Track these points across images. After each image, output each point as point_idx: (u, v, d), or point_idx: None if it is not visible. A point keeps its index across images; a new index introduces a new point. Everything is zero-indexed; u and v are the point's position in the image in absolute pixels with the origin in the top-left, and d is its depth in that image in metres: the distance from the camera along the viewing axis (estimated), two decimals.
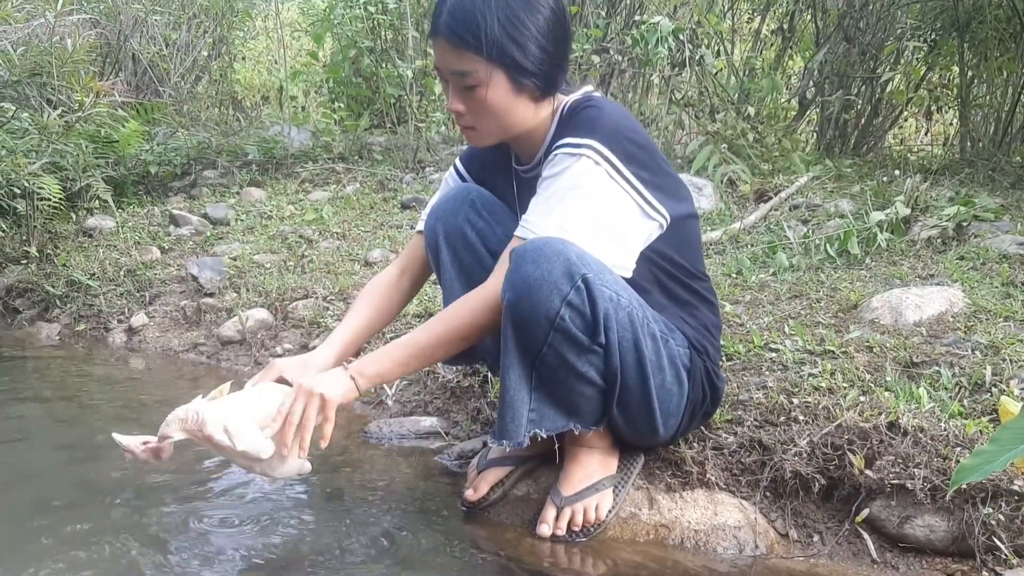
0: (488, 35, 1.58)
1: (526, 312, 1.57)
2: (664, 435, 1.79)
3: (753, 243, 3.44)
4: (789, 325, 2.43)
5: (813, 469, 1.80)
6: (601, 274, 1.59)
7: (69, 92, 4.56)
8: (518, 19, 1.60)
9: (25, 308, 3.94)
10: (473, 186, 1.95)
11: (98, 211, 4.59)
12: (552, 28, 1.65)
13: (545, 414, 1.68)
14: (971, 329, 2.26)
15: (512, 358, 1.63)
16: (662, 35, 4.04)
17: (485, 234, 1.88)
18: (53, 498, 1.93)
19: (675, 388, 1.73)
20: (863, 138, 5.82)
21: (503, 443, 1.67)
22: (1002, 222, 3.24)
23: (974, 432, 1.74)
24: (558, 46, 1.68)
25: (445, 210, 1.90)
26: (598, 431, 1.78)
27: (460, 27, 1.60)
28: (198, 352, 3.31)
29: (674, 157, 4.65)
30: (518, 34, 1.60)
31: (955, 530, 1.65)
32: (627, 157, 1.66)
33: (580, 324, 1.58)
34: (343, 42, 5.98)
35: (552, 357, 1.61)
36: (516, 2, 1.60)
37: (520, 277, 1.56)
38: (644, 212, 1.69)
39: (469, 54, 1.61)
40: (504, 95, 1.66)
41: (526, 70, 1.64)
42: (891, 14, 5.59)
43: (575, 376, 1.64)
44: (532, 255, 1.56)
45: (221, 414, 1.57)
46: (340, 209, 4.57)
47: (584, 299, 1.56)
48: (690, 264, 1.82)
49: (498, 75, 1.63)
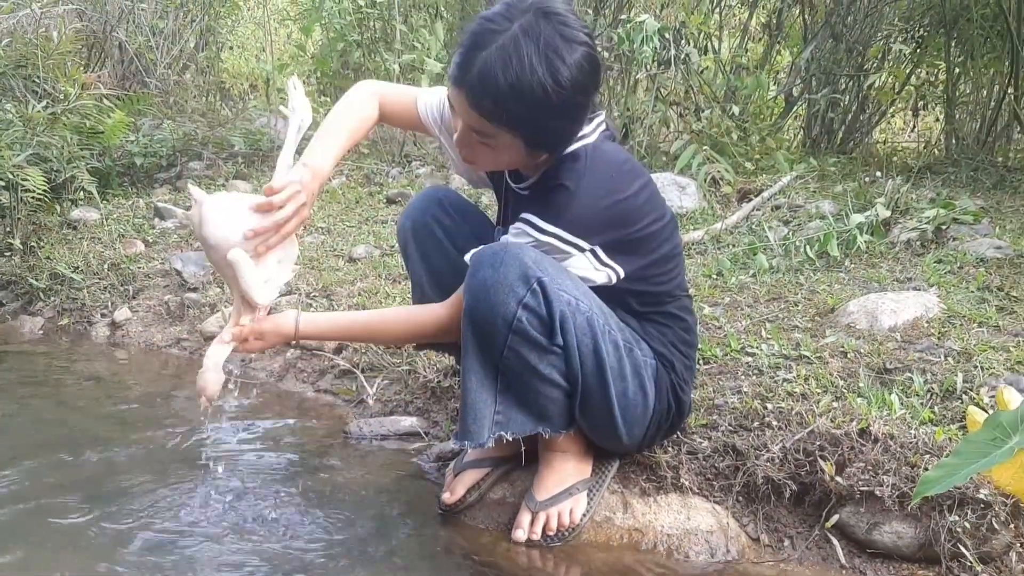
0: (511, 113, 1.53)
1: (484, 314, 1.60)
2: (629, 443, 1.81)
3: (734, 244, 3.46)
4: (766, 328, 2.45)
5: (785, 475, 1.82)
6: (558, 278, 1.61)
7: (54, 83, 4.54)
8: (547, 101, 1.51)
9: (8, 301, 3.93)
10: (447, 188, 2.03)
11: (83, 203, 4.57)
12: (577, 102, 1.57)
13: (512, 417, 1.70)
14: (945, 335, 2.29)
15: (473, 360, 1.66)
16: (648, 34, 4.05)
17: (452, 232, 1.95)
18: (31, 498, 1.94)
19: (639, 398, 1.75)
20: (849, 134, 5.84)
21: (464, 444, 1.71)
22: (981, 225, 3.27)
23: (943, 440, 1.77)
24: (580, 113, 1.62)
25: (415, 208, 1.99)
26: (569, 435, 1.80)
27: (487, 99, 1.52)
28: (181, 347, 3.32)
29: (659, 155, 4.67)
30: (543, 114, 1.54)
31: (922, 537, 1.68)
32: (595, 240, 1.68)
33: (537, 325, 1.60)
34: (331, 34, 5.97)
35: (514, 359, 1.63)
36: (547, 78, 1.49)
37: (478, 281, 1.60)
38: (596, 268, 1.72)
39: (493, 124, 1.57)
40: (517, 155, 1.66)
41: (545, 143, 1.64)
42: (878, 10, 5.61)
43: (538, 378, 1.66)
44: (489, 259, 1.60)
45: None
46: (325, 203, 4.58)
47: (540, 301, 1.59)
48: (661, 288, 1.81)
49: (515, 141, 1.60)
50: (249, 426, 2.49)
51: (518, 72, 1.48)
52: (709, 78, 5.13)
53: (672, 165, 4.36)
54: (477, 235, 1.89)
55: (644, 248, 1.74)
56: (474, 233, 1.90)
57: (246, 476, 2.12)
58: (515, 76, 1.48)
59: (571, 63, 1.51)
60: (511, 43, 1.49)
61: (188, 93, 6.56)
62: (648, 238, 1.74)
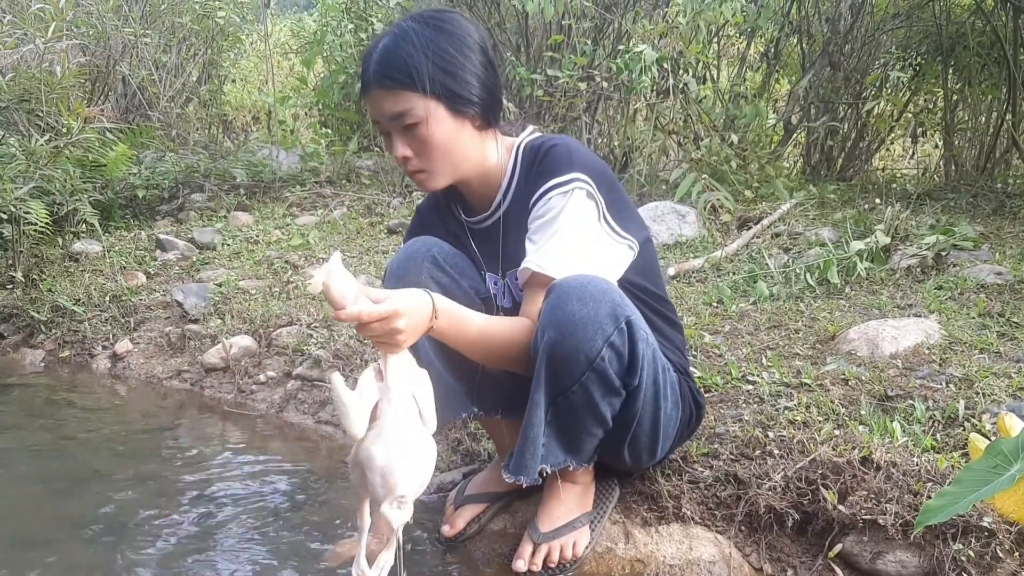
0: (419, 70, 1.60)
1: (568, 350, 1.54)
2: (659, 457, 1.82)
3: (735, 271, 3.46)
4: (767, 356, 2.45)
5: (787, 504, 1.81)
6: (637, 314, 1.59)
7: (57, 117, 4.57)
8: (447, 52, 1.62)
9: (10, 333, 3.93)
10: (434, 241, 1.84)
11: (85, 235, 4.60)
12: (481, 59, 1.67)
13: (552, 450, 1.67)
14: (946, 361, 2.29)
15: (541, 395, 1.60)
16: (646, 64, 4.08)
17: (451, 290, 1.76)
18: (30, 533, 1.93)
19: (674, 413, 1.76)
20: (849, 162, 5.87)
21: (520, 479, 1.65)
22: (981, 251, 3.28)
23: (946, 467, 1.76)
24: (489, 76, 1.69)
25: (407, 269, 1.77)
26: (587, 468, 1.80)
27: (390, 70, 1.61)
28: (182, 379, 3.31)
29: (659, 183, 4.69)
30: (449, 65, 1.62)
31: (926, 566, 1.66)
32: (605, 190, 1.69)
33: (616, 366, 1.57)
34: (333, 67, 6.02)
35: (579, 396, 1.59)
36: (439, 36, 1.62)
37: (564, 316, 1.52)
38: (615, 241, 1.72)
39: (405, 93, 1.61)
40: (447, 127, 1.65)
41: (463, 98, 1.65)
42: (875, 39, 5.65)
43: (592, 416, 1.63)
44: (577, 292, 1.53)
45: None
46: (327, 234, 4.59)
47: (625, 340, 1.55)
48: (655, 287, 1.84)
49: (437, 107, 1.62)
50: (250, 458, 2.48)
51: (406, 39, 1.62)
52: (708, 107, 5.16)
53: (672, 193, 4.38)
54: (474, 288, 1.83)
55: (635, 218, 1.77)
56: (473, 288, 1.83)
57: (246, 508, 2.11)
58: (407, 41, 1.61)
59: (450, 19, 1.67)
60: (396, 28, 1.66)
61: (191, 125, 6.61)
62: (633, 210, 1.79)
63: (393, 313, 1.38)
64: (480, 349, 1.64)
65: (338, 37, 5.84)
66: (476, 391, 1.83)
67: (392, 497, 1.32)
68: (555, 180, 1.66)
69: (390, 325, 1.38)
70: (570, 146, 1.71)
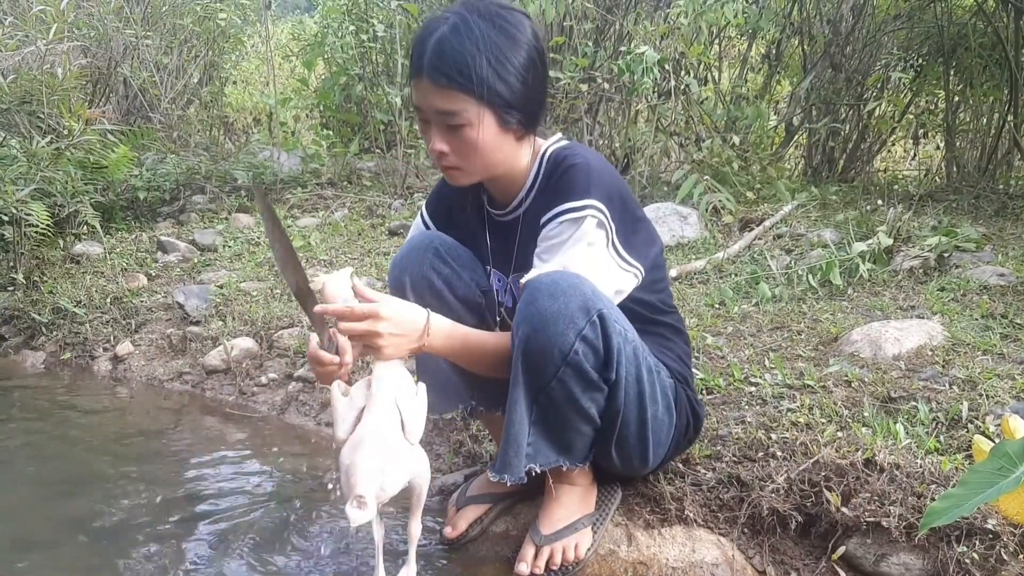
0: (478, 74, 1.55)
1: (541, 345, 1.55)
2: (652, 465, 1.81)
3: (737, 273, 3.46)
4: (770, 358, 2.44)
5: (790, 506, 1.81)
6: (612, 308, 1.60)
7: (59, 119, 4.57)
8: (504, 56, 1.57)
9: (11, 335, 3.92)
10: (436, 233, 1.90)
11: (86, 237, 4.59)
12: (533, 65, 1.63)
13: (540, 449, 1.67)
14: (949, 363, 2.28)
15: (520, 391, 1.61)
16: (648, 65, 4.07)
17: (451, 281, 1.83)
18: (30, 534, 1.93)
19: (665, 419, 1.75)
20: (850, 163, 5.86)
21: (504, 477, 1.65)
22: (984, 252, 3.27)
23: (949, 469, 1.75)
24: (538, 83, 1.66)
25: (409, 260, 1.84)
26: (583, 468, 1.79)
27: (447, 67, 1.55)
28: (183, 381, 3.31)
29: (660, 185, 4.68)
30: (504, 72, 1.57)
31: (930, 568, 1.65)
32: (618, 216, 1.67)
33: (592, 359, 1.57)
34: (334, 68, 6.02)
35: (558, 392, 1.59)
36: (501, 39, 1.57)
37: (536, 311, 1.54)
38: (622, 270, 1.70)
39: (459, 94, 1.56)
40: (492, 135, 1.63)
41: (515, 109, 1.62)
42: (877, 40, 5.65)
43: (576, 412, 1.63)
44: (547, 288, 1.55)
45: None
46: (328, 236, 4.58)
47: (598, 334, 1.56)
48: (660, 301, 1.83)
49: (487, 115, 1.60)
50: (251, 460, 2.47)
51: (468, 35, 1.55)
52: (709, 108, 5.16)
53: (673, 195, 4.37)
54: (475, 280, 1.85)
55: (646, 239, 1.76)
56: (474, 280, 1.85)
57: (246, 511, 2.10)
58: (468, 38, 1.55)
59: (513, 22, 1.60)
60: (457, 18, 1.57)
61: (192, 127, 6.60)
62: (646, 228, 1.77)
63: (373, 313, 1.47)
64: (484, 368, 1.69)
65: (339, 39, 5.82)
66: (478, 386, 1.86)
67: (352, 496, 1.40)
68: (568, 204, 1.64)
69: (369, 326, 1.48)
70: (590, 166, 1.68)
